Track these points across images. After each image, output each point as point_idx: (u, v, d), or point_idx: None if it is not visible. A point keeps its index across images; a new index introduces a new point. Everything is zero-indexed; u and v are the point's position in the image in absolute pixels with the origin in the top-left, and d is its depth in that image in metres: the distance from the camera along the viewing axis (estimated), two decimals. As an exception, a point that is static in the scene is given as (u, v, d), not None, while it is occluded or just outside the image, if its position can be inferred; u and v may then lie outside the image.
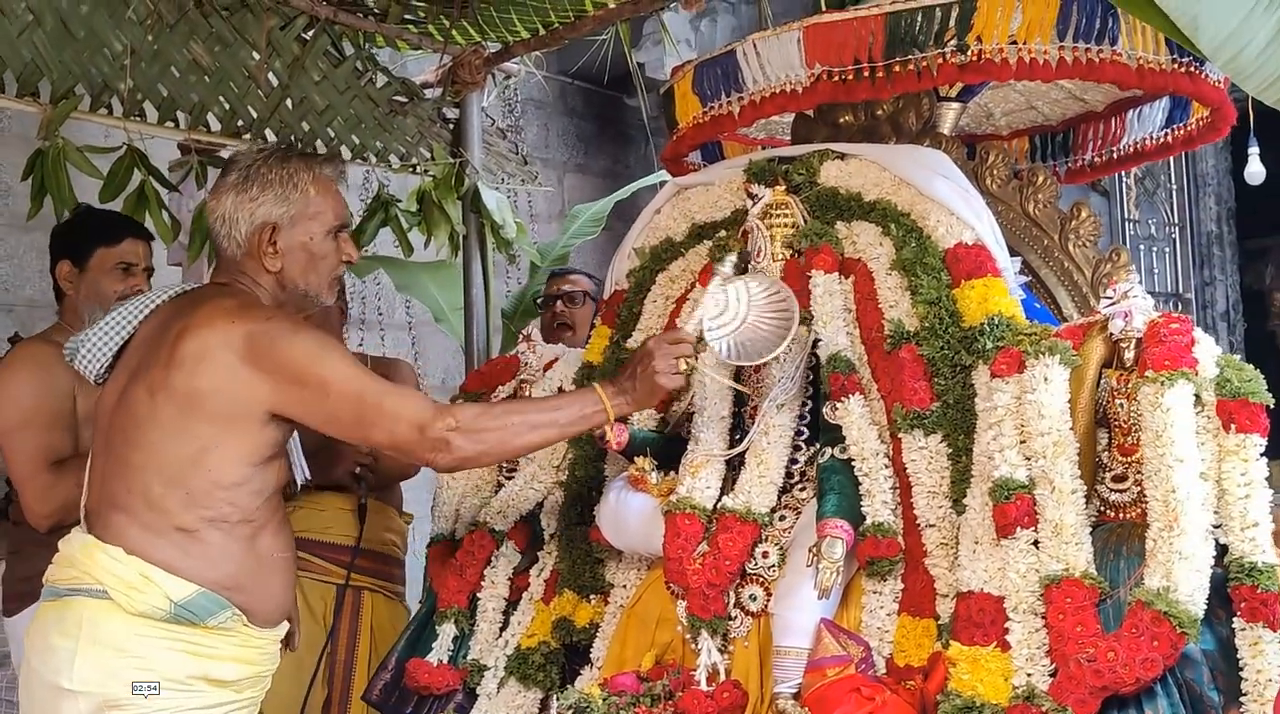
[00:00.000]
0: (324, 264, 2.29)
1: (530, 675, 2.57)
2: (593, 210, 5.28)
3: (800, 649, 2.17)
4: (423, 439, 2.11)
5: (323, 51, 3.50)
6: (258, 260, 2.24)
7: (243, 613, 2.15)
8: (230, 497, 2.13)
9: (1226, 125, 2.92)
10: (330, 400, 2.11)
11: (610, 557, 2.62)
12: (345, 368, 2.14)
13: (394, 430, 2.12)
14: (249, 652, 2.19)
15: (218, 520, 2.13)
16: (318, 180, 2.27)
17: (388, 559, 3.37)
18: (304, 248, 2.25)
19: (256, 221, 2.22)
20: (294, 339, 2.12)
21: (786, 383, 2.44)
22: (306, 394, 2.11)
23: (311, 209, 2.25)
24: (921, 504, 2.22)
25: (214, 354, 2.10)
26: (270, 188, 2.22)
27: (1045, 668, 1.94)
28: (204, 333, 2.12)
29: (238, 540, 2.15)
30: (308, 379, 2.11)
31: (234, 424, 2.12)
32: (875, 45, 2.49)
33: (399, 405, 2.13)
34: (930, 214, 2.42)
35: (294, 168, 2.25)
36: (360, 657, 3.21)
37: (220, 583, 2.12)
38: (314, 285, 2.29)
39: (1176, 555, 1.88)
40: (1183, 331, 2.05)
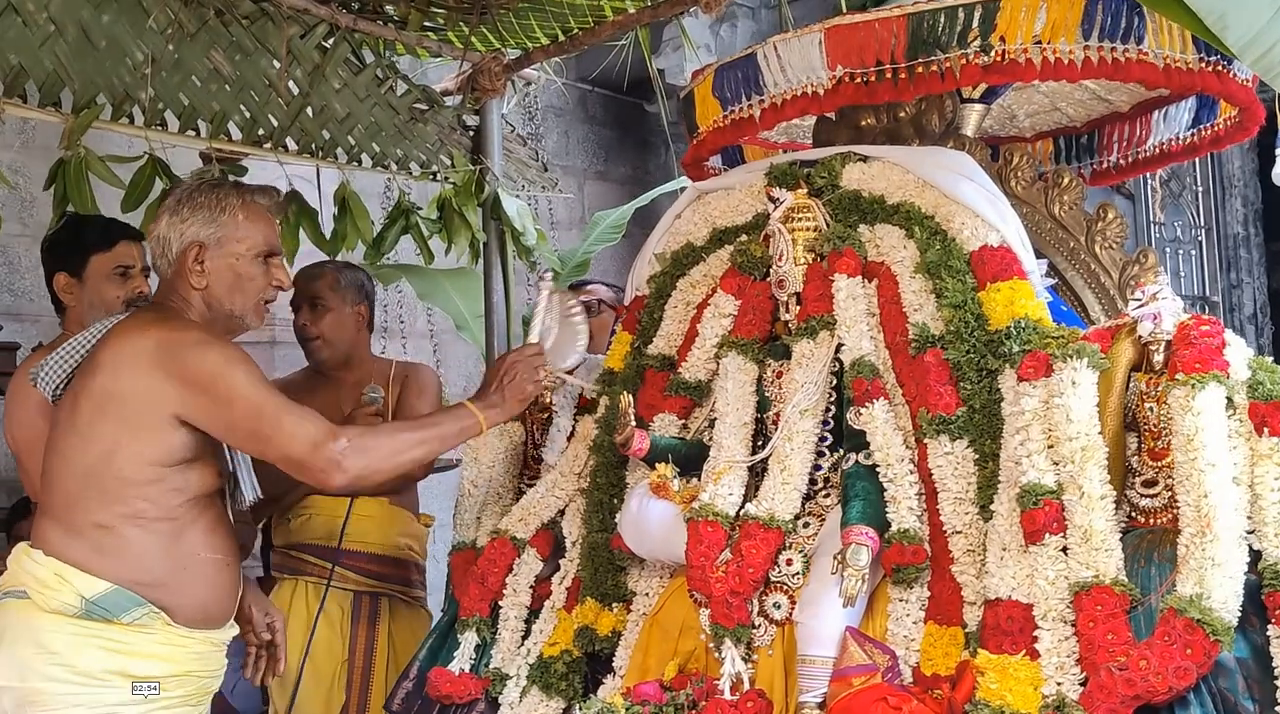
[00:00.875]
0: (250, 286, 2.36)
1: (553, 684, 2.55)
2: (613, 217, 5.27)
3: (825, 658, 2.14)
4: (314, 456, 2.20)
5: (343, 59, 3.50)
6: (185, 279, 2.33)
7: (163, 611, 2.20)
8: (144, 493, 2.20)
9: (1255, 124, 2.88)
10: (232, 411, 2.20)
11: (632, 564, 2.60)
12: (250, 382, 2.22)
13: (288, 447, 2.20)
14: (172, 650, 2.23)
15: (134, 516, 2.20)
16: (247, 207, 2.36)
17: (404, 564, 3.35)
18: (230, 268, 2.34)
19: (185, 240, 2.32)
20: (204, 350, 2.21)
21: (809, 388, 2.42)
22: (209, 402, 2.19)
23: (239, 233, 2.34)
24: (948, 510, 2.19)
25: (125, 359, 2.20)
26: (200, 210, 2.33)
27: (1075, 677, 1.91)
28: (120, 341, 2.24)
29: (157, 537, 2.21)
30: (212, 389, 2.19)
31: (139, 426, 2.19)
32: (898, 46, 2.47)
33: (296, 424, 2.21)
34: (955, 216, 2.40)
35: (224, 193, 2.36)
36: (378, 663, 3.20)
37: (137, 580, 2.18)
38: (240, 306, 2.37)
39: (1209, 562, 1.85)
40: (1213, 333, 2.02)
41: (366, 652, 3.21)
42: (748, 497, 2.38)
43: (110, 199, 3.30)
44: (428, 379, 3.42)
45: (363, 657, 3.20)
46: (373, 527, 3.22)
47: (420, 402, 3.32)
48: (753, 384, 2.53)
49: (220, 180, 2.43)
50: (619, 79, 6.16)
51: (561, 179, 6.41)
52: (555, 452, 2.87)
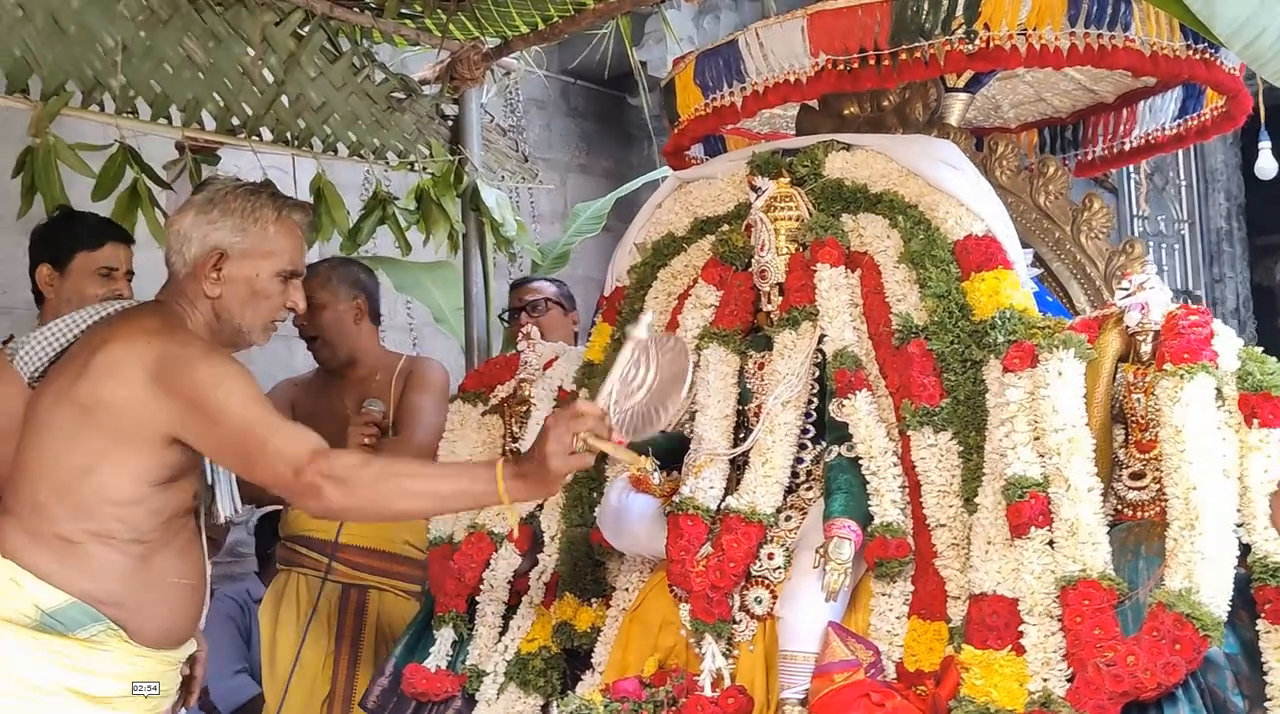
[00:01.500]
0: (265, 304, 2.25)
1: (530, 681, 2.51)
2: (594, 208, 5.23)
3: (807, 654, 2.11)
4: (296, 481, 2.02)
5: (319, 47, 3.45)
6: (199, 283, 2.21)
7: (121, 628, 2.08)
8: (120, 514, 2.08)
9: (1242, 114, 2.86)
10: (219, 430, 2.06)
11: (612, 559, 2.56)
12: (241, 400, 2.07)
13: (273, 469, 2.04)
14: (128, 669, 2.11)
15: (103, 535, 2.08)
16: (281, 221, 2.24)
17: (396, 558, 3.29)
18: (248, 282, 2.22)
19: (208, 244, 2.20)
20: (200, 364, 2.09)
21: (791, 380, 2.38)
22: (199, 420, 2.07)
23: (267, 247, 2.22)
24: (931, 503, 2.16)
25: (123, 369, 2.07)
26: (231, 216, 2.20)
27: (1062, 673, 1.88)
28: (118, 347, 2.10)
29: (126, 558, 2.10)
30: (203, 405, 2.06)
31: (129, 440, 2.08)
32: (881, 33, 2.44)
33: (282, 445, 2.05)
34: (939, 205, 2.36)
35: (260, 202, 2.23)
36: (364, 656, 3.16)
37: (96, 596, 2.06)
38: (249, 322, 2.25)
39: (1198, 555, 1.82)
40: (1202, 323, 1.99)
41: (353, 643, 3.17)
42: (729, 490, 2.35)
43: (80, 188, 3.23)
44: (433, 374, 3.35)
45: (349, 648, 3.16)
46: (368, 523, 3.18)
47: (422, 397, 3.24)
48: (734, 376, 2.49)
49: (258, 187, 2.27)
50: (600, 71, 6.11)
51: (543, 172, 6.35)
52: (534, 445, 2.82)
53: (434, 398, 3.29)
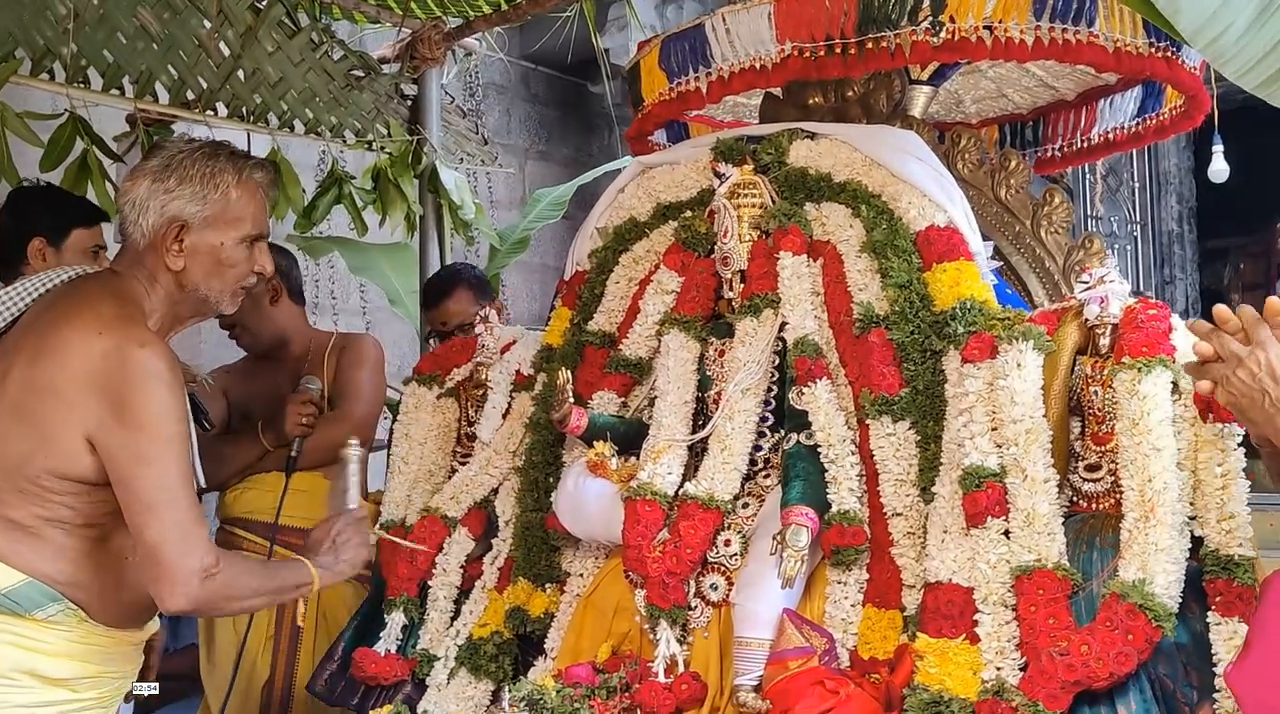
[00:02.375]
0: (231, 272, 2.12)
1: (482, 666, 2.48)
2: (554, 194, 5.19)
3: (762, 640, 2.10)
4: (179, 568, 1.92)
5: (276, 22, 3.39)
6: (159, 255, 2.08)
7: (80, 608, 2.01)
8: (66, 501, 1.99)
9: (1200, 114, 2.89)
10: (140, 468, 1.93)
11: (567, 545, 2.54)
12: (176, 458, 1.95)
13: (163, 541, 1.92)
14: (87, 649, 2.04)
15: (55, 521, 1.99)
16: (242, 184, 2.11)
17: None
18: (212, 252, 2.09)
19: (167, 215, 2.06)
20: (154, 386, 1.94)
21: (752, 367, 2.37)
22: (126, 443, 1.93)
23: (230, 214, 2.09)
24: (889, 492, 2.16)
25: (69, 357, 1.96)
26: (189, 183, 2.06)
27: (1015, 661, 1.89)
28: (71, 331, 1.98)
29: (81, 540, 2.01)
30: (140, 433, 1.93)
31: (50, 437, 1.96)
32: (847, 22, 2.43)
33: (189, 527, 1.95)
34: (902, 196, 2.36)
35: (219, 167, 2.09)
36: (305, 639, 3.09)
37: (53, 577, 1.98)
38: (215, 291, 2.13)
39: (1152, 547, 1.83)
40: (1160, 318, 2.00)
41: (294, 627, 3.11)
42: (687, 476, 2.33)
43: (28, 158, 3.16)
44: (367, 349, 3.29)
45: (289, 632, 3.10)
46: (309, 502, 3.11)
47: (358, 372, 3.19)
48: (694, 362, 2.48)
49: (215, 148, 2.13)
50: (562, 57, 6.07)
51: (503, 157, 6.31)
52: (490, 429, 2.80)
53: (369, 372, 3.23)
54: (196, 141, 2.16)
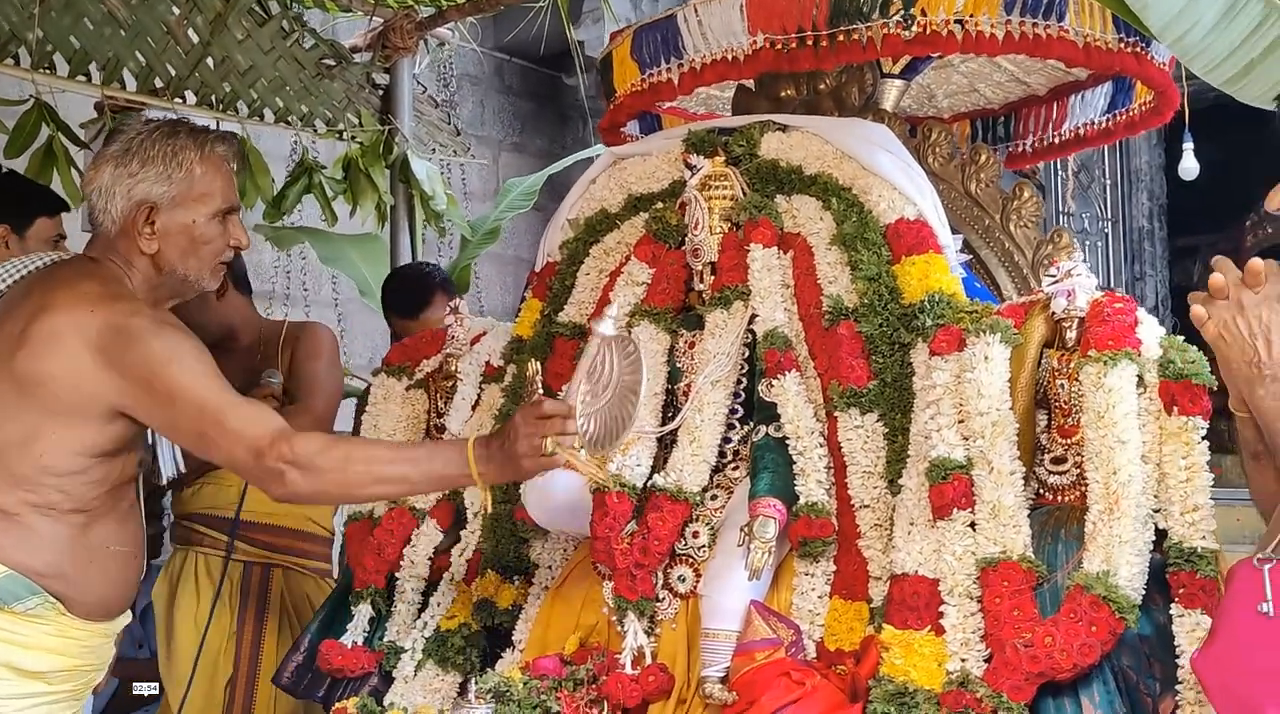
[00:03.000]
0: (207, 249, 2.12)
1: (449, 658, 2.47)
2: (526, 184, 5.17)
3: (729, 632, 2.10)
4: (257, 466, 1.95)
5: (247, 9, 3.36)
6: (133, 240, 2.07)
7: (59, 601, 2.00)
8: (61, 484, 1.99)
9: (1170, 109, 2.90)
10: (174, 409, 1.97)
11: (536, 536, 2.53)
12: (196, 378, 1.98)
13: (232, 451, 1.97)
14: (65, 643, 2.04)
15: (43, 506, 1.99)
16: (206, 159, 2.10)
17: (301, 535, 3.21)
18: (185, 231, 2.09)
19: (134, 199, 2.05)
20: (151, 340, 1.98)
21: (722, 359, 2.37)
22: (151, 399, 1.97)
23: (197, 190, 2.08)
24: (856, 484, 2.17)
25: (64, 340, 1.96)
26: (152, 164, 2.05)
27: (980, 653, 1.89)
28: (59, 317, 1.97)
29: (66, 528, 2.01)
30: (155, 383, 1.96)
31: (72, 414, 1.98)
32: (819, 14, 2.43)
33: (242, 426, 1.97)
34: (872, 189, 2.36)
35: (181, 144, 2.08)
36: (269, 635, 3.08)
37: (35, 569, 1.97)
38: (194, 270, 2.12)
39: (1116, 539, 1.84)
40: (1127, 311, 2.01)
41: (257, 623, 3.08)
42: (656, 468, 2.33)
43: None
44: (322, 339, 3.26)
45: (252, 628, 3.07)
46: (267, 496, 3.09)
47: (315, 364, 3.16)
48: (664, 354, 2.47)
49: (174, 126, 2.12)
50: (536, 49, 6.05)
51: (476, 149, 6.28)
52: (459, 420, 2.78)
53: (327, 363, 3.21)
54: (154, 122, 2.14)
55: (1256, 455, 1.74)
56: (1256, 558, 1.61)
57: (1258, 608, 1.56)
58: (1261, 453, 1.73)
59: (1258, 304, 1.60)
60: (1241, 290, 1.62)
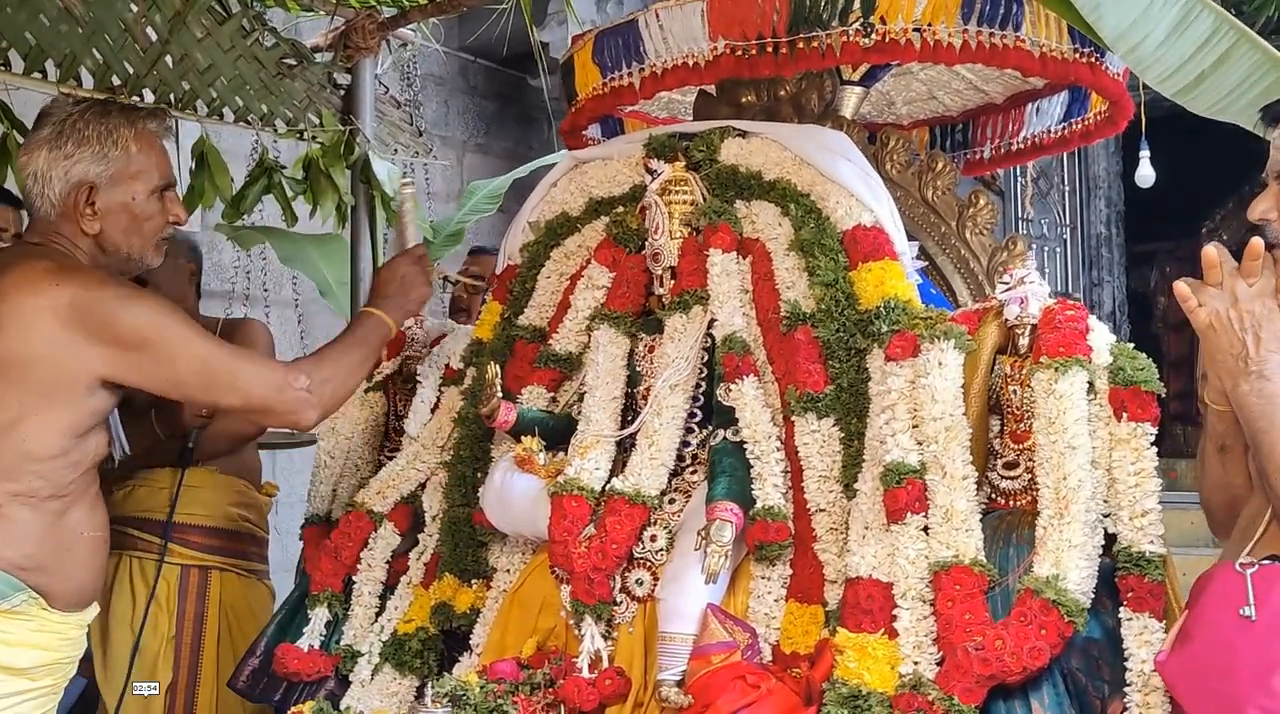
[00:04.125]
0: (148, 226, 2.15)
1: (406, 662, 2.47)
2: (490, 187, 5.15)
3: (686, 635, 2.11)
4: (283, 398, 2.11)
5: (207, 7, 3.31)
6: (74, 222, 2.08)
7: (41, 595, 2.00)
8: (42, 470, 1.99)
9: (1124, 119, 2.94)
10: (177, 365, 2.03)
11: (494, 540, 2.53)
12: (189, 331, 2.07)
13: (250, 393, 2.10)
14: (47, 637, 2.04)
15: (24, 495, 1.98)
16: (140, 136, 2.13)
17: (238, 536, 3.16)
18: (125, 209, 2.12)
19: (72, 181, 2.07)
20: (131, 305, 2.01)
21: (680, 363, 2.38)
22: (148, 359, 2.01)
23: (134, 168, 2.11)
24: (813, 488, 2.18)
25: (33, 319, 1.95)
26: (87, 144, 2.07)
27: (933, 656, 1.91)
28: (21, 296, 1.97)
29: (44, 516, 2.01)
30: (150, 345, 2.01)
31: (55, 393, 1.98)
32: (779, 21, 2.44)
33: (253, 369, 2.13)
34: (830, 195, 2.38)
35: (114, 123, 2.10)
36: (208, 639, 3.03)
37: (16, 563, 1.97)
38: (137, 247, 2.16)
39: (1066, 543, 1.87)
40: (1078, 318, 2.04)
41: (196, 627, 3.03)
42: (614, 472, 2.33)
43: (-56, 141, 3.07)
44: (256, 334, 3.24)
45: (191, 633, 3.03)
46: (202, 497, 3.05)
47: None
48: (624, 358, 2.48)
49: (104, 105, 2.14)
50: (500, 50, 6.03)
51: (440, 150, 6.26)
52: (418, 423, 2.78)
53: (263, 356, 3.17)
54: (84, 102, 2.16)
55: (1224, 449, 1.75)
56: (1239, 563, 1.63)
57: (1239, 612, 1.58)
58: (1230, 447, 1.75)
59: (1251, 298, 1.60)
60: (1236, 281, 1.62)
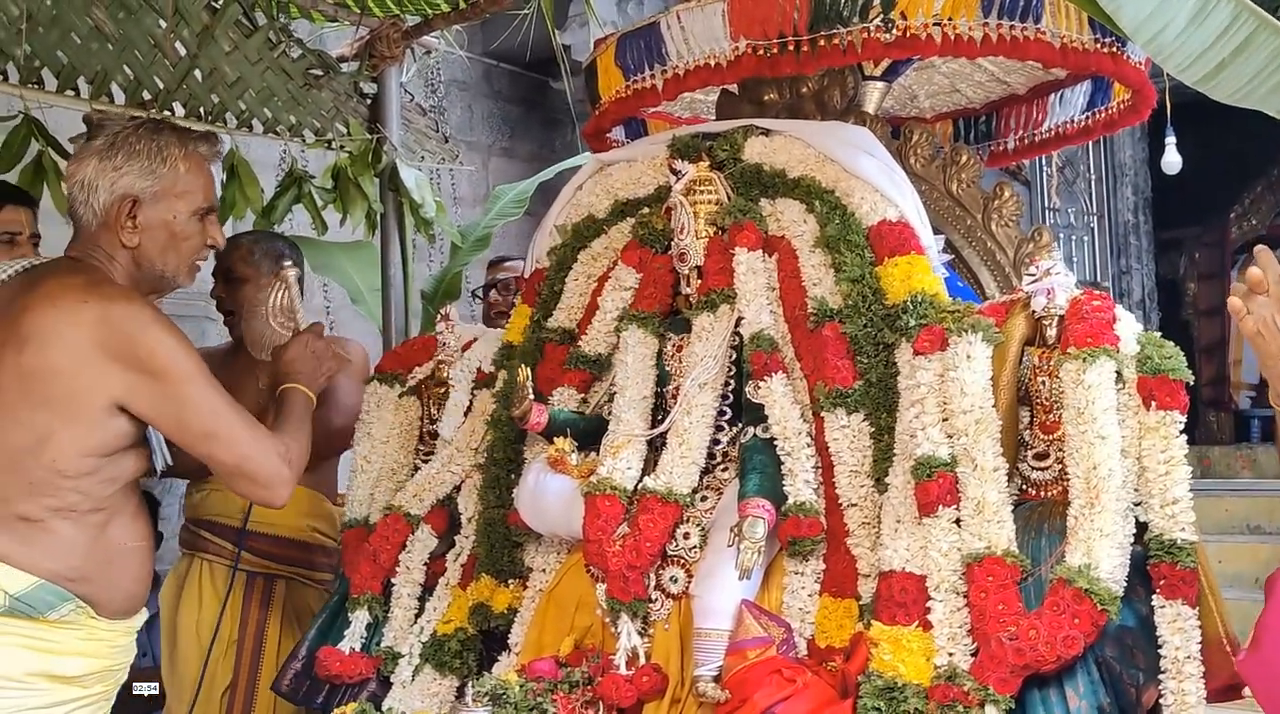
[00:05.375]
0: (185, 246, 2.17)
1: (446, 663, 2.50)
2: (516, 191, 5.19)
3: (721, 631, 2.13)
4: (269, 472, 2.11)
5: (233, 21, 3.37)
6: (114, 233, 2.11)
7: (88, 605, 2.03)
8: (76, 486, 2.01)
9: (1147, 108, 2.93)
10: (186, 407, 2.02)
11: (529, 540, 2.56)
12: (206, 378, 2.06)
13: (245, 455, 2.08)
14: (96, 645, 2.07)
15: (65, 510, 2.00)
16: (189, 157, 2.15)
17: (307, 546, 3.21)
18: (165, 226, 2.13)
19: (117, 192, 2.09)
20: (157, 332, 2.01)
21: (709, 362, 2.40)
22: (159, 390, 2.00)
23: (179, 187, 2.13)
24: (844, 483, 2.20)
25: (60, 332, 1.96)
26: (137, 159, 2.09)
27: (967, 647, 1.93)
28: (49, 310, 1.98)
29: (86, 530, 2.03)
30: (167, 377, 2.00)
31: (74, 410, 1.98)
32: (800, 19, 2.46)
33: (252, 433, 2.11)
34: (854, 191, 2.40)
35: (165, 141, 2.12)
36: (269, 645, 3.09)
37: (63, 574, 1.99)
38: (172, 266, 2.17)
39: (1097, 533, 1.87)
40: (1104, 309, 2.04)
41: (258, 633, 3.09)
42: (646, 470, 2.36)
43: (-18, 160, 3.14)
44: (352, 356, 3.26)
45: (254, 638, 3.09)
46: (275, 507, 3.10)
47: (349, 381, 3.16)
48: (653, 357, 2.50)
49: (158, 124, 2.17)
50: (523, 54, 6.07)
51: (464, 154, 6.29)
52: (451, 426, 2.81)
53: (353, 379, 3.22)
54: (138, 118, 2.19)
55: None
56: None
57: None
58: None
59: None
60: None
